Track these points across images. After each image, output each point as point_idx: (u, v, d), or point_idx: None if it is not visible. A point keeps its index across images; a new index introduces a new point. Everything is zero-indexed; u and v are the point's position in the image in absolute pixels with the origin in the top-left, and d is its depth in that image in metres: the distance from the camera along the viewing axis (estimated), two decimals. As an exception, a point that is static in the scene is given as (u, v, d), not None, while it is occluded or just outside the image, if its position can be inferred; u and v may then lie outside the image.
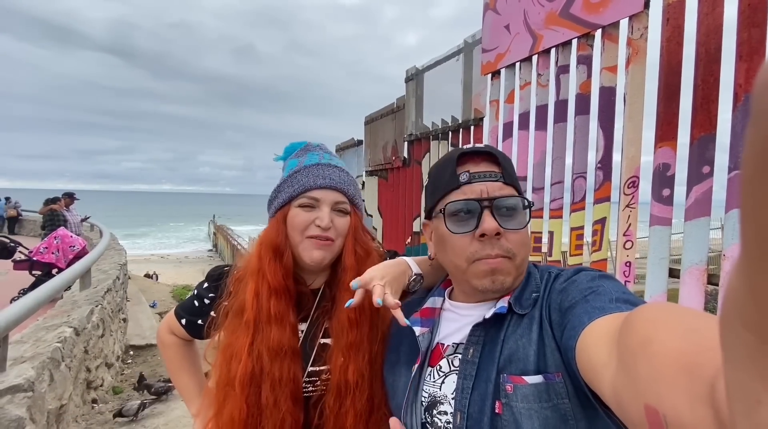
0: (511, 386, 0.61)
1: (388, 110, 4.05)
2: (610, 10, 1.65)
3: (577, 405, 0.58)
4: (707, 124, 1.37)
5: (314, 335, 0.90)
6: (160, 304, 8.05)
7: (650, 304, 0.44)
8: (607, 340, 0.45)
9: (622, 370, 0.39)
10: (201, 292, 0.98)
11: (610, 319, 0.49)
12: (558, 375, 0.59)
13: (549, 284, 0.67)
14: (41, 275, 5.15)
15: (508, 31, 2.21)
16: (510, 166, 0.72)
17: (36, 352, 2.58)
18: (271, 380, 0.83)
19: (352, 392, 0.83)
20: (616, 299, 0.54)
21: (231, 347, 0.87)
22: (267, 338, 0.84)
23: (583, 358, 0.50)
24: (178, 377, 1.07)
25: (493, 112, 2.45)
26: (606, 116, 1.71)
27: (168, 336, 1.05)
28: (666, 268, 1.56)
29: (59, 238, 5.40)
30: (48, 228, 6.76)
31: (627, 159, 1.62)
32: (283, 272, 0.87)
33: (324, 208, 0.87)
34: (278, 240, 0.88)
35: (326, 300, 0.92)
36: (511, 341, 0.64)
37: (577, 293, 0.59)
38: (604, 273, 0.64)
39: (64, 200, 7.39)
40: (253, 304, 0.86)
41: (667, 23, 1.47)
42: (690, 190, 1.42)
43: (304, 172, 0.89)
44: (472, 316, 0.71)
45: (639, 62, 1.58)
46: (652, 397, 0.31)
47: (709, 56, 1.35)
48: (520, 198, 0.69)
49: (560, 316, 0.60)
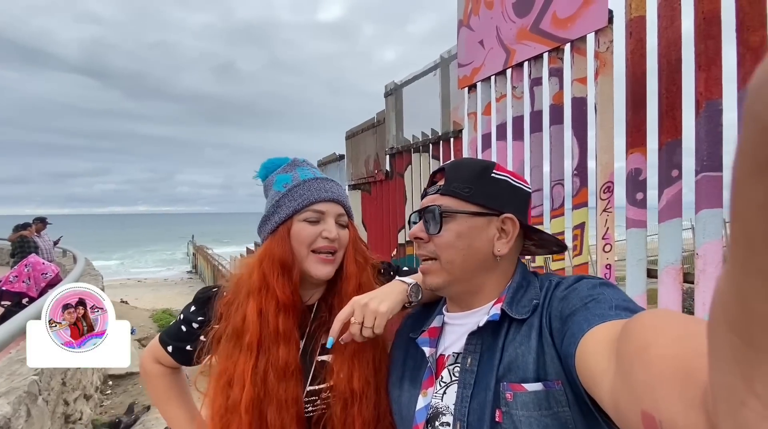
0: (510, 394, 0.60)
1: (368, 125, 4.09)
2: (577, 26, 1.74)
3: (577, 413, 0.57)
4: (673, 130, 1.45)
5: (312, 352, 0.88)
6: (140, 330, 7.75)
7: (648, 311, 0.45)
8: (607, 346, 0.45)
9: (620, 377, 0.39)
10: (188, 316, 0.94)
11: (609, 326, 0.50)
12: (558, 382, 0.59)
13: (550, 292, 0.67)
14: (11, 305, 4.91)
15: (483, 47, 2.29)
16: (455, 176, 0.74)
17: (11, 386, 2.45)
18: (278, 402, 0.80)
19: (359, 400, 0.82)
20: (616, 306, 0.54)
21: (227, 373, 0.83)
22: (275, 358, 0.82)
23: (583, 365, 0.50)
24: (166, 408, 1.01)
25: (472, 124, 2.51)
26: (579, 125, 1.78)
27: (153, 365, 0.99)
28: (644, 269, 1.62)
29: (30, 265, 5.19)
30: (18, 255, 6.48)
31: (601, 165, 1.69)
32: (292, 288, 0.86)
33: (329, 220, 0.88)
34: (285, 256, 0.86)
35: (322, 313, 0.92)
36: (510, 349, 0.64)
37: (577, 301, 0.60)
38: (605, 281, 0.64)
39: (36, 226, 7.11)
40: (256, 325, 0.83)
41: (630, 37, 1.56)
42: (661, 193, 1.48)
43: (305, 186, 0.89)
44: (467, 325, 0.72)
45: (607, 74, 1.66)
46: (649, 403, 0.31)
47: (671, 67, 1.44)
48: (436, 206, 0.73)
49: (561, 324, 0.60)
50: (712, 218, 1.36)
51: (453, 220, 0.71)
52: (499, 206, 0.72)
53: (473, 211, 0.71)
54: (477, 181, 0.73)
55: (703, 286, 1.38)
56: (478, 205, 0.72)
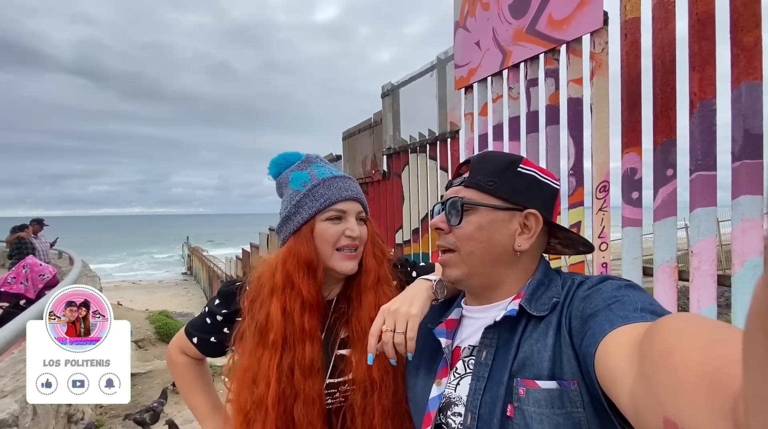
0: (523, 390, 0.60)
1: (365, 125, 4.11)
2: (573, 27, 1.76)
3: (592, 415, 0.57)
4: (668, 130, 1.47)
5: (331, 347, 0.90)
6: (136, 331, 7.72)
7: (675, 314, 0.43)
8: (629, 348, 0.44)
9: (642, 380, 0.38)
10: (213, 308, 0.97)
11: (632, 328, 0.49)
12: (573, 383, 0.58)
13: (572, 291, 0.66)
14: (9, 307, 4.88)
15: (479, 48, 2.31)
16: (480, 168, 0.74)
17: (17, 385, 2.46)
18: (305, 398, 0.82)
19: (379, 389, 0.84)
20: (641, 309, 0.53)
21: (251, 370, 0.85)
22: (300, 356, 0.84)
23: (603, 366, 0.49)
24: (190, 396, 1.05)
25: (468, 124, 2.53)
26: (575, 126, 1.80)
27: (179, 356, 1.04)
28: (640, 267, 1.64)
29: (28, 267, 5.16)
30: (15, 257, 6.45)
31: (597, 165, 1.71)
32: (317, 287, 0.88)
33: (351, 218, 0.90)
34: (311, 255, 0.88)
35: (341, 305, 0.94)
36: (526, 345, 0.64)
37: (600, 301, 0.58)
38: (630, 282, 0.62)
39: (33, 227, 7.08)
40: (281, 323, 0.85)
41: (625, 38, 1.58)
42: (657, 192, 1.51)
43: (325, 185, 0.90)
44: (485, 319, 0.72)
45: (602, 74, 1.68)
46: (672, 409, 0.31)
47: (665, 68, 1.46)
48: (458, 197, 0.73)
49: (581, 324, 0.59)
50: (706, 217, 1.38)
51: (474, 212, 0.71)
52: (524, 201, 0.71)
53: (495, 205, 0.71)
54: (502, 174, 0.73)
55: (698, 283, 1.40)
56: (501, 199, 0.71)
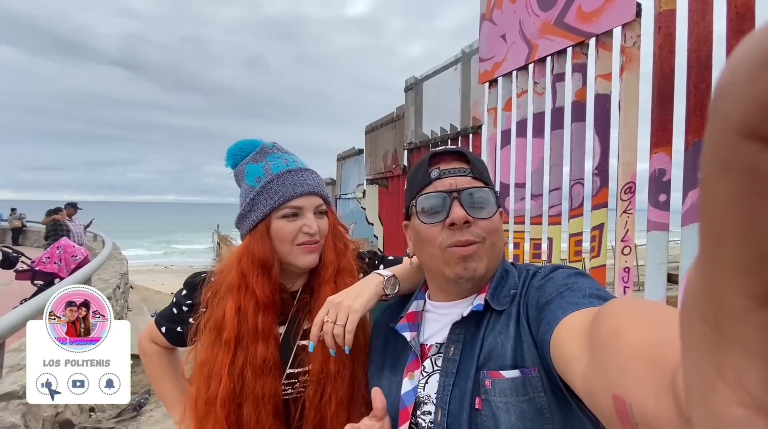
0: (489, 381, 0.62)
1: (388, 119, 4.08)
2: (604, 19, 1.68)
3: (552, 399, 0.59)
4: (701, 130, 1.38)
5: (293, 337, 0.89)
6: (162, 314, 8.02)
7: (619, 298, 0.45)
8: (579, 333, 0.47)
9: (592, 363, 0.40)
10: (179, 299, 0.97)
11: (582, 313, 0.51)
12: (534, 369, 0.60)
13: (527, 281, 0.69)
14: (43, 285, 5.16)
15: (505, 41, 2.24)
16: (480, 164, 0.75)
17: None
18: (254, 398, 0.81)
19: (333, 380, 0.83)
20: (589, 295, 0.56)
21: (208, 365, 0.85)
22: (252, 356, 0.82)
23: (557, 352, 0.51)
24: (159, 385, 1.05)
25: (491, 120, 2.47)
26: (601, 123, 1.72)
27: (148, 345, 1.04)
28: (664, 274, 1.55)
29: (62, 247, 5.43)
30: (51, 238, 6.80)
31: (623, 165, 1.63)
32: (272, 286, 0.86)
33: (308, 214, 0.87)
34: (266, 255, 0.86)
35: (304, 295, 0.92)
36: (490, 338, 0.66)
37: (553, 290, 0.61)
38: (580, 271, 0.66)
39: (67, 210, 7.44)
40: (234, 322, 0.83)
41: (658, 31, 1.49)
42: (686, 195, 1.42)
43: (279, 181, 0.87)
44: (451, 315, 0.72)
45: (632, 70, 1.60)
46: (620, 387, 0.32)
47: (701, 63, 1.37)
48: (489, 189, 0.71)
49: (537, 312, 0.62)
50: (738, 223, 1.29)
51: (493, 205, 0.72)
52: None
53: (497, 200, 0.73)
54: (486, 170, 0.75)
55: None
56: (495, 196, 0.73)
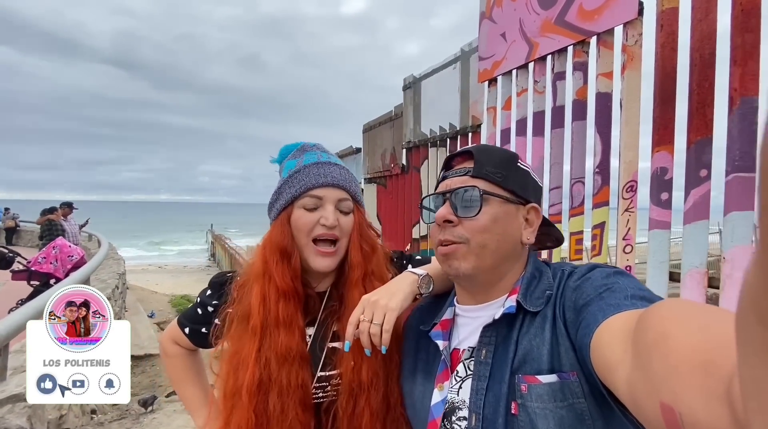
0: (525, 386, 0.60)
1: (386, 118, 4.07)
2: (605, 18, 1.68)
3: (593, 404, 0.57)
4: (703, 128, 1.38)
5: (323, 339, 0.88)
6: (159, 313, 8.00)
7: (666, 300, 0.43)
8: (623, 337, 0.45)
9: (638, 367, 0.38)
10: (204, 299, 0.96)
11: (625, 316, 0.49)
12: (573, 374, 0.58)
13: (563, 282, 0.66)
14: (39, 285, 5.11)
15: (504, 39, 2.24)
16: (486, 159, 0.72)
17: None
18: (279, 387, 0.81)
19: (367, 391, 0.81)
20: (631, 296, 0.53)
21: (237, 355, 0.85)
22: (275, 343, 0.82)
23: (598, 356, 0.49)
24: (182, 388, 1.04)
25: (491, 119, 2.47)
26: (603, 122, 1.72)
27: (171, 346, 1.02)
28: (666, 272, 1.56)
29: (57, 247, 5.37)
30: (46, 238, 6.73)
31: (624, 163, 1.63)
32: (291, 274, 0.85)
33: (328, 206, 0.86)
34: (284, 242, 0.86)
35: (333, 302, 0.91)
36: (525, 341, 0.63)
37: (591, 290, 0.58)
38: (619, 269, 0.62)
39: (62, 210, 7.37)
40: (259, 309, 0.83)
41: (661, 30, 1.49)
42: (688, 194, 1.42)
43: (304, 171, 0.88)
44: (482, 318, 0.70)
45: (634, 68, 1.60)
46: (668, 394, 0.31)
47: (704, 61, 1.37)
48: (478, 188, 0.69)
49: (575, 314, 0.59)
50: (742, 221, 1.29)
51: (488, 203, 0.69)
52: (526, 196, 0.72)
53: (507, 197, 0.70)
54: (507, 167, 0.72)
55: (729, 292, 1.32)
56: (510, 192, 0.71)
